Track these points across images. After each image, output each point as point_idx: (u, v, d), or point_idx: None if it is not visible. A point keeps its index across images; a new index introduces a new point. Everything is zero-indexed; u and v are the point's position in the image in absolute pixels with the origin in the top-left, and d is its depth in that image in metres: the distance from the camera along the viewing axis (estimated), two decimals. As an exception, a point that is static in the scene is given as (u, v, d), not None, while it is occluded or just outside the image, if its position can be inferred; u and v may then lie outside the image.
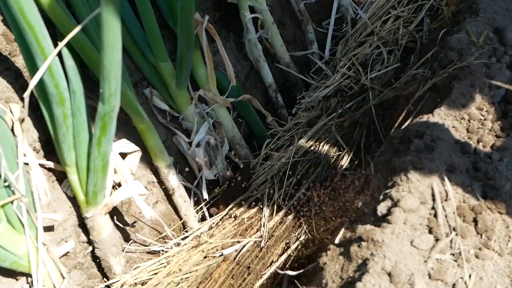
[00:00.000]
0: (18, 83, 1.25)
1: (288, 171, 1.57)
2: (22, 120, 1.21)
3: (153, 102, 1.51)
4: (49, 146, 1.27)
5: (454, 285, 0.88)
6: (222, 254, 1.41)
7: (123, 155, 1.40)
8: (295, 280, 1.15)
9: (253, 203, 1.53)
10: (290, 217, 1.49)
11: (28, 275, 1.19)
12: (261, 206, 1.51)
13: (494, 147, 1.11)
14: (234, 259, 1.44)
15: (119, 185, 1.33)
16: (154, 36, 1.40)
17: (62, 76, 1.09)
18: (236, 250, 1.44)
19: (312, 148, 1.64)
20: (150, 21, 1.38)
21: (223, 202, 1.55)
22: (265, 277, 1.41)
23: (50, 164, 1.26)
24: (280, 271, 1.38)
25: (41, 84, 1.09)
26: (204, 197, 1.61)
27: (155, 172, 1.49)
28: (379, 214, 0.99)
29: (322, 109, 1.81)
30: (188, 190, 1.58)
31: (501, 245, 0.96)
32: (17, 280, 1.19)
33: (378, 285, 0.85)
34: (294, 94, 1.97)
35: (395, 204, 0.98)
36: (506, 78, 1.26)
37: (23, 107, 1.21)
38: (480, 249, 0.95)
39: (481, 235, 0.97)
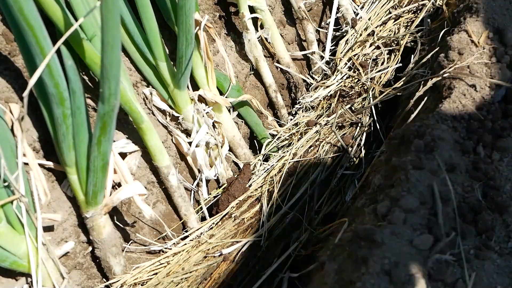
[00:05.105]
0: (18, 83, 1.25)
1: (288, 171, 1.57)
2: (21, 120, 1.21)
3: (153, 102, 1.51)
4: (49, 146, 1.27)
5: (454, 285, 0.88)
6: (222, 254, 1.41)
7: (123, 155, 1.40)
8: (295, 281, 1.15)
9: (253, 203, 1.53)
10: (290, 216, 1.49)
11: (27, 275, 1.18)
12: (261, 206, 1.51)
13: (494, 147, 1.11)
14: (234, 259, 1.43)
15: (119, 185, 1.33)
16: (154, 36, 1.40)
17: (61, 76, 1.09)
18: (236, 250, 1.44)
19: (312, 148, 1.64)
20: (150, 21, 1.38)
21: (223, 202, 1.55)
22: (264, 277, 1.41)
23: (50, 164, 1.26)
24: (281, 274, 1.38)
25: (40, 84, 1.09)
26: (204, 197, 1.61)
27: (155, 172, 1.49)
28: (379, 214, 0.99)
29: (322, 109, 1.81)
30: (188, 190, 1.58)
31: (501, 245, 0.96)
32: (16, 280, 1.19)
33: (378, 285, 0.85)
34: (294, 94, 1.97)
35: (395, 204, 0.98)
36: (506, 78, 1.26)
37: (23, 107, 1.21)
38: (480, 249, 0.94)
39: (481, 235, 0.97)
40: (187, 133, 1.58)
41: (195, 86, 1.59)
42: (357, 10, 2.04)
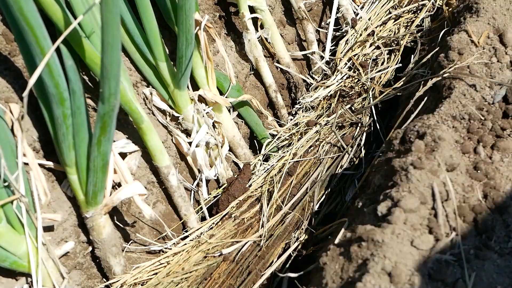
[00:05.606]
0: (18, 83, 1.25)
1: (288, 171, 1.57)
2: (21, 120, 1.21)
3: (153, 102, 1.51)
4: (49, 146, 1.27)
5: (454, 285, 0.88)
6: (222, 254, 1.41)
7: (123, 155, 1.40)
8: (295, 281, 1.15)
9: (253, 203, 1.53)
10: (290, 216, 1.49)
11: (28, 275, 1.18)
12: (261, 206, 1.51)
13: (495, 147, 1.11)
14: (234, 259, 1.43)
15: (119, 185, 1.33)
16: (154, 36, 1.40)
17: (61, 76, 1.09)
18: (236, 250, 1.44)
19: (312, 148, 1.64)
20: (150, 21, 1.38)
21: (223, 202, 1.55)
22: (265, 277, 1.41)
23: (50, 164, 1.26)
24: (281, 274, 1.38)
25: (40, 84, 1.09)
26: (204, 197, 1.61)
27: (155, 172, 1.49)
28: (379, 214, 0.99)
29: (322, 109, 1.82)
30: (188, 190, 1.58)
31: (501, 245, 0.96)
32: (16, 280, 1.19)
33: (378, 285, 0.85)
34: (294, 94, 1.97)
35: (395, 204, 0.98)
36: (506, 78, 1.26)
37: (23, 107, 1.21)
38: (480, 249, 0.94)
39: (481, 235, 0.97)
40: (187, 133, 1.58)
41: (195, 86, 1.59)
42: (357, 10, 2.04)
